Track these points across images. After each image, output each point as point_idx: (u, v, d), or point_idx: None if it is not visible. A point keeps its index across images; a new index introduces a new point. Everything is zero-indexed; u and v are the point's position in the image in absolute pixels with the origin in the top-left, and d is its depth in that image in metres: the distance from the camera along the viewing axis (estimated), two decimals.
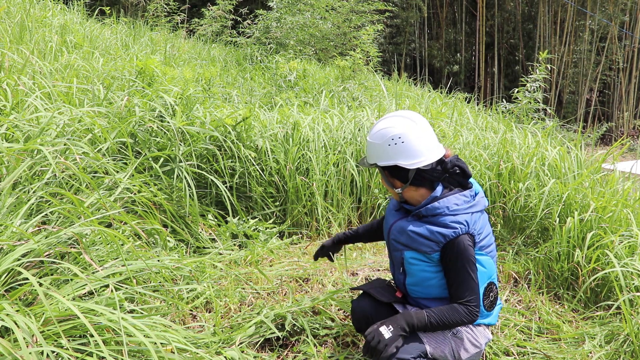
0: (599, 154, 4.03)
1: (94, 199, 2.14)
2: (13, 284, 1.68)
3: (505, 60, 18.95)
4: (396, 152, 1.81)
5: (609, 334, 2.35)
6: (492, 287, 1.90)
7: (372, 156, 1.88)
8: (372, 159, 1.89)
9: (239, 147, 3.35)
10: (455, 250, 1.77)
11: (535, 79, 5.54)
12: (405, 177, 1.85)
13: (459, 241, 1.77)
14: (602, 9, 16.59)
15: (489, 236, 1.90)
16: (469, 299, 1.78)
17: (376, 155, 1.86)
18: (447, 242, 1.77)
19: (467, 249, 1.78)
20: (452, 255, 1.78)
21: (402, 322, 1.74)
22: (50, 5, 5.55)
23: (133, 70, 3.65)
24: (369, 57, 6.93)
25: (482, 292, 1.85)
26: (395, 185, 1.90)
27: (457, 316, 1.77)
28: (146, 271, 2.21)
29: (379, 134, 1.84)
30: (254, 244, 3.08)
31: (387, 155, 1.83)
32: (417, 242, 1.83)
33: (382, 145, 1.83)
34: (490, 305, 1.90)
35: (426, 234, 1.80)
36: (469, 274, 1.78)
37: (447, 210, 1.80)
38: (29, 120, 2.40)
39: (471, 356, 1.87)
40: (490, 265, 1.89)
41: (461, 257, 1.77)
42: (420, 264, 1.85)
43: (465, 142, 4.15)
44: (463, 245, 1.77)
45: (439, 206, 1.81)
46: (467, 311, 1.77)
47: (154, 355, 1.52)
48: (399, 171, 1.84)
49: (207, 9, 9.05)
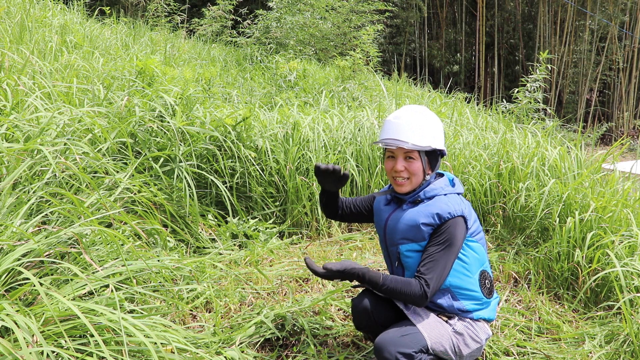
0: (599, 154, 4.03)
1: (94, 199, 2.14)
2: (13, 284, 1.68)
3: (505, 60, 18.95)
4: (437, 134, 1.89)
5: (609, 334, 2.35)
6: (485, 274, 1.93)
7: (412, 136, 1.83)
8: (413, 138, 1.83)
9: (239, 147, 3.35)
10: (446, 230, 1.80)
11: (535, 79, 5.54)
12: (436, 162, 1.93)
13: (452, 223, 1.81)
14: (602, 9, 16.59)
15: (476, 222, 1.95)
16: (427, 276, 1.76)
17: (418, 136, 1.83)
18: (441, 223, 1.81)
19: (457, 233, 1.81)
20: (442, 233, 1.80)
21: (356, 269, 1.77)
22: (50, 5, 5.55)
23: (133, 70, 3.65)
24: (369, 57, 6.93)
25: (477, 279, 1.89)
26: (427, 172, 1.92)
27: (407, 288, 1.76)
28: (146, 271, 2.21)
29: (423, 115, 1.87)
30: (254, 244, 3.08)
31: (432, 137, 1.87)
32: (414, 230, 1.85)
33: (433, 125, 1.87)
34: (488, 293, 1.92)
35: (424, 220, 1.83)
36: (444, 258, 1.78)
37: (442, 191, 1.88)
38: (29, 120, 2.40)
39: (472, 351, 1.88)
40: (482, 252, 1.93)
41: (448, 239, 1.79)
42: (416, 255, 1.87)
43: (465, 142, 4.15)
44: (457, 227, 1.81)
45: (435, 188, 1.89)
46: (419, 288, 1.75)
47: (154, 355, 1.52)
48: (436, 156, 1.92)
49: (207, 9, 9.05)
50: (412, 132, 1.83)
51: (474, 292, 1.89)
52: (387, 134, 1.88)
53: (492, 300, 1.96)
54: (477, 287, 1.89)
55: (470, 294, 1.88)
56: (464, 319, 1.89)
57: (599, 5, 16.43)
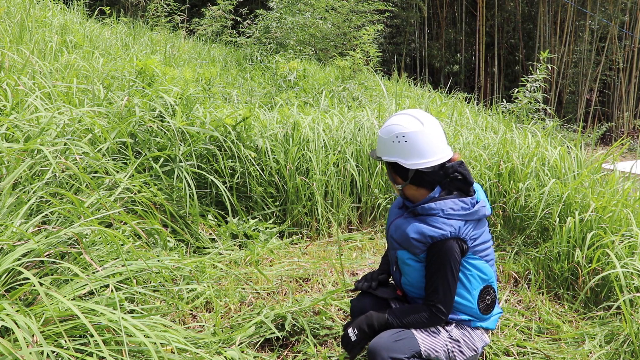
0: (599, 154, 4.03)
1: (94, 199, 2.14)
2: (13, 284, 1.68)
3: (505, 60, 18.94)
4: (398, 149, 1.84)
5: (609, 334, 2.35)
6: (489, 290, 1.89)
7: (379, 149, 1.93)
8: (379, 151, 1.93)
9: (239, 147, 3.35)
10: (438, 252, 1.78)
11: (535, 79, 5.54)
12: (405, 175, 1.88)
13: (443, 244, 1.77)
14: (602, 9, 16.58)
15: (486, 243, 1.89)
16: (434, 300, 1.80)
17: (381, 149, 1.90)
18: (433, 243, 1.79)
19: (450, 253, 1.78)
20: (434, 255, 1.79)
21: (363, 325, 1.84)
22: (50, 5, 5.55)
23: (133, 70, 3.65)
24: (369, 57, 6.94)
25: (477, 295, 1.86)
26: (396, 182, 1.93)
27: (419, 317, 1.81)
28: (146, 271, 2.21)
29: (387, 129, 1.88)
30: (254, 244, 3.08)
31: (389, 151, 1.87)
32: (407, 242, 1.84)
33: (387, 140, 1.86)
34: (486, 309, 1.89)
35: (416, 236, 1.81)
36: (445, 278, 1.78)
37: (442, 213, 1.81)
38: (29, 120, 2.40)
39: (466, 359, 1.86)
40: (486, 269, 1.88)
41: (442, 259, 1.78)
42: (413, 264, 1.86)
43: (465, 142, 4.15)
44: (447, 248, 1.77)
45: (434, 207, 1.82)
46: (429, 313, 1.81)
47: (154, 355, 1.52)
48: (400, 168, 1.87)
49: (207, 9, 9.05)
50: (379, 144, 1.91)
51: (469, 308, 1.86)
52: None
53: (488, 317, 1.92)
54: (474, 304, 1.86)
55: (466, 309, 1.86)
56: (461, 326, 1.88)
57: (599, 5, 16.42)
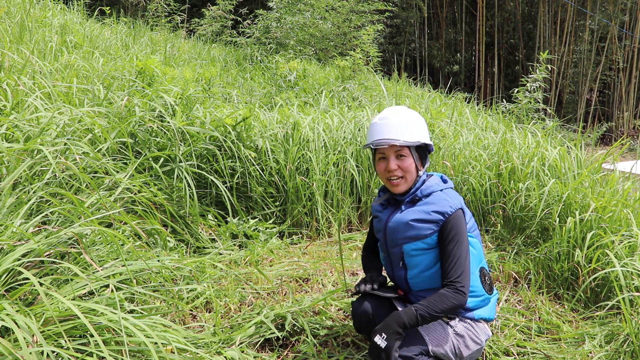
0: (599, 154, 4.03)
1: (94, 199, 2.14)
2: (13, 284, 1.68)
3: (505, 60, 18.95)
4: (422, 129, 1.91)
5: (609, 334, 2.35)
6: (483, 271, 1.95)
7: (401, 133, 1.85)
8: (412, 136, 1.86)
9: (239, 147, 3.35)
10: (452, 226, 1.81)
11: (535, 79, 5.54)
12: (425, 158, 1.95)
13: (455, 217, 1.82)
14: (602, 9, 16.59)
15: (472, 219, 1.97)
16: (457, 278, 1.77)
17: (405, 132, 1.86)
18: (446, 220, 1.82)
19: (462, 225, 1.83)
20: (449, 230, 1.81)
21: (394, 326, 1.72)
22: (50, 5, 5.55)
23: (133, 70, 3.65)
24: (369, 57, 6.94)
25: (478, 275, 1.90)
26: (419, 168, 1.93)
27: (445, 301, 1.75)
28: (146, 271, 2.21)
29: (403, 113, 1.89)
30: (254, 244, 3.08)
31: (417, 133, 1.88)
32: (416, 229, 1.85)
33: (411, 121, 1.88)
34: (489, 289, 1.95)
35: (424, 217, 1.84)
36: (462, 252, 1.80)
37: (438, 188, 1.89)
38: (29, 120, 2.40)
39: (472, 353, 1.89)
40: (479, 248, 1.94)
41: (457, 233, 1.81)
42: (420, 253, 1.87)
43: (465, 142, 4.15)
44: (459, 220, 1.82)
45: (430, 185, 1.90)
46: (454, 292, 1.76)
47: (154, 355, 1.52)
48: (423, 151, 1.92)
49: (207, 9, 9.06)
50: (400, 130, 1.86)
51: (475, 289, 1.89)
52: (376, 135, 1.89)
53: (492, 296, 1.97)
54: (478, 283, 1.90)
55: (472, 290, 1.88)
56: (464, 319, 1.90)
57: (599, 5, 16.43)
